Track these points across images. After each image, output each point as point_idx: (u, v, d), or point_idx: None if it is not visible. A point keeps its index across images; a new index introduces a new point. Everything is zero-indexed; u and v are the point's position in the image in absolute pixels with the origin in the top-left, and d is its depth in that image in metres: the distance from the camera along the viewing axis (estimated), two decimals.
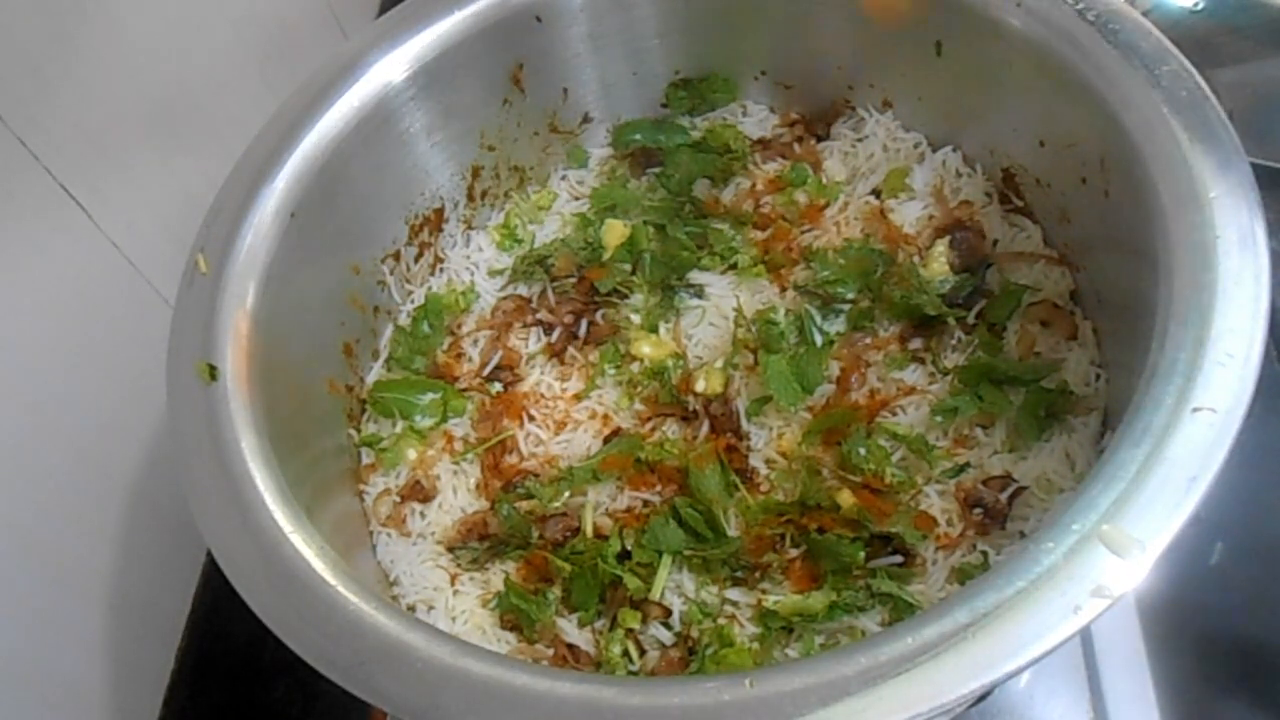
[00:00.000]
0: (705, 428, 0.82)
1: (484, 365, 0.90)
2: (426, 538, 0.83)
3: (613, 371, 0.88)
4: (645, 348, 0.87)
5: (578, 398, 0.87)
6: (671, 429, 0.84)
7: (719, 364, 0.85)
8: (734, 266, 0.91)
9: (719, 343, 0.87)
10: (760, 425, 0.82)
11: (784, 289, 0.89)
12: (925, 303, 0.83)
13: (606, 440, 0.84)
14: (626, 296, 0.92)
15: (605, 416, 0.86)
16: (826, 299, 0.86)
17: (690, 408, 0.84)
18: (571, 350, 0.90)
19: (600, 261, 0.94)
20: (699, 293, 0.91)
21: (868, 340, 0.85)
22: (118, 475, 0.91)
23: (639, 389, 0.86)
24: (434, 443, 0.88)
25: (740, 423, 0.82)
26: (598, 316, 0.91)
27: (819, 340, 0.84)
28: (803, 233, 0.92)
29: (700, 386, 0.84)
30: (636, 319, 0.90)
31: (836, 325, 0.86)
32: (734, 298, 0.89)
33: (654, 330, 0.89)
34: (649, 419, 0.85)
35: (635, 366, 0.87)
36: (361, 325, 0.90)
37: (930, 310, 0.83)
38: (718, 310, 0.89)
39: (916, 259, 0.88)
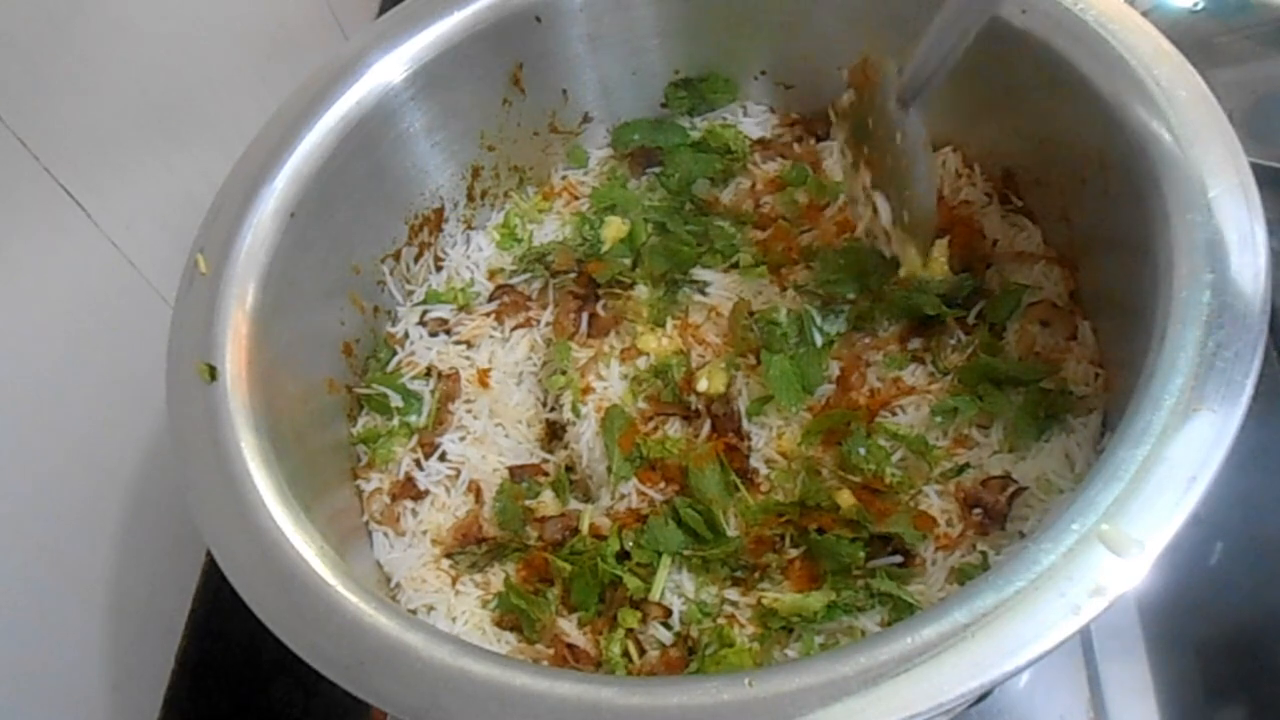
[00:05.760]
0: (707, 427, 0.82)
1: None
2: (420, 536, 0.83)
3: (619, 366, 0.87)
4: (651, 341, 0.87)
5: (585, 391, 0.87)
6: (674, 427, 0.84)
7: (721, 363, 0.85)
8: (736, 265, 0.91)
9: (721, 341, 0.87)
10: (760, 425, 0.82)
11: (784, 288, 0.89)
12: (925, 302, 0.83)
13: (602, 422, 0.83)
14: (629, 287, 0.91)
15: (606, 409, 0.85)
16: (827, 299, 0.86)
17: (692, 407, 0.84)
18: (574, 343, 0.89)
19: (599, 255, 0.94)
20: (701, 289, 0.91)
21: (867, 340, 0.85)
22: (118, 475, 0.91)
23: (643, 386, 0.86)
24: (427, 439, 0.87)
25: (741, 422, 0.82)
26: (599, 308, 0.91)
27: (819, 340, 0.85)
28: (801, 233, 0.92)
29: (703, 386, 0.83)
30: (644, 311, 0.90)
31: (836, 325, 0.86)
32: (736, 296, 0.89)
33: (661, 324, 0.89)
34: (651, 417, 0.85)
35: (641, 362, 0.87)
36: (361, 325, 0.90)
37: (930, 310, 0.83)
38: (720, 308, 0.89)
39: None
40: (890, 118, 0.75)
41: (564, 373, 0.87)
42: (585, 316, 0.90)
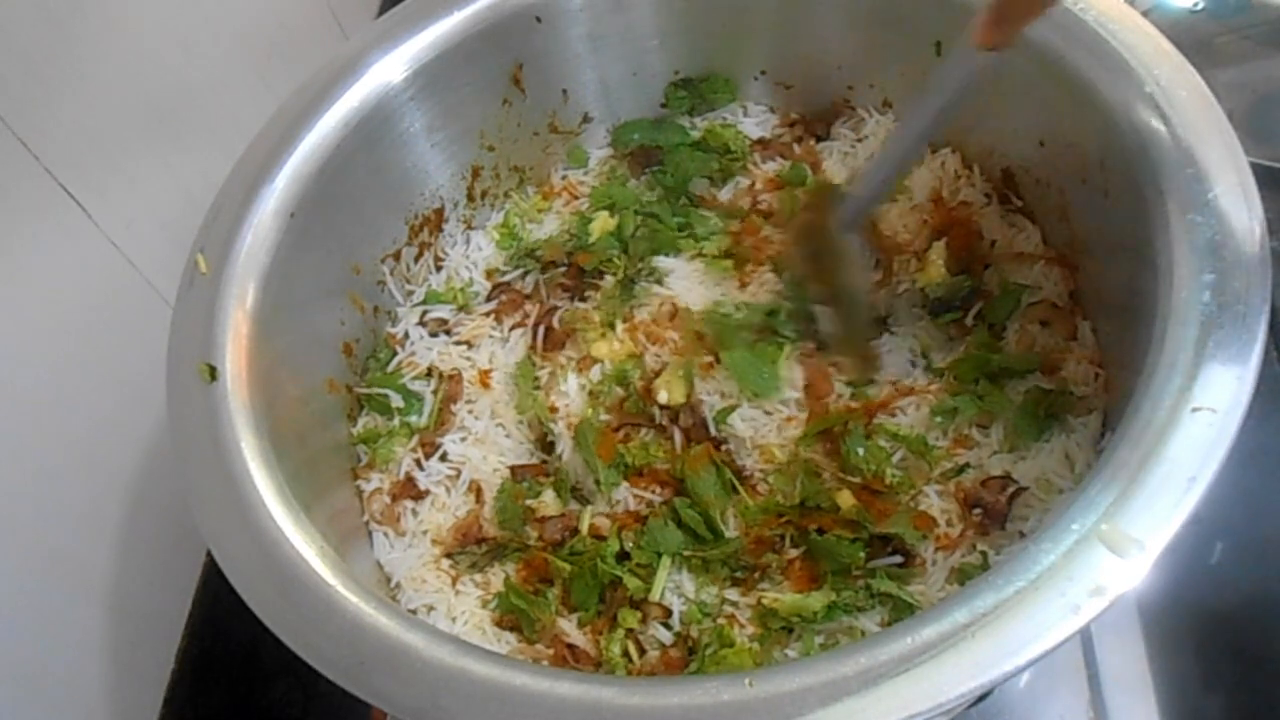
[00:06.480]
0: (679, 439, 0.81)
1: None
2: (420, 536, 0.83)
3: (575, 378, 0.86)
4: (603, 348, 0.87)
5: (552, 409, 0.86)
6: (646, 435, 0.83)
7: (679, 371, 0.83)
8: (703, 253, 0.91)
9: (679, 337, 0.86)
10: (731, 434, 0.81)
11: (744, 284, 0.89)
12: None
13: (575, 439, 0.83)
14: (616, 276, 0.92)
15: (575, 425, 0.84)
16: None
17: (656, 420, 0.82)
18: (535, 359, 0.89)
19: (586, 246, 0.94)
20: (659, 280, 0.91)
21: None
22: (118, 475, 0.91)
23: (601, 398, 0.84)
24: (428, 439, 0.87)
25: (710, 431, 0.81)
26: (554, 321, 0.90)
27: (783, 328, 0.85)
28: (767, 233, 0.92)
29: (663, 398, 0.81)
30: (594, 317, 0.89)
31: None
32: (693, 291, 0.89)
33: (611, 326, 0.88)
34: (618, 428, 0.83)
35: (595, 372, 0.86)
36: (361, 325, 0.90)
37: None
38: (675, 300, 0.89)
39: (913, 262, 0.88)
40: (833, 240, 0.81)
41: (533, 392, 0.86)
42: (541, 330, 0.89)
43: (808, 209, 0.88)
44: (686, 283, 0.91)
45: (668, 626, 0.75)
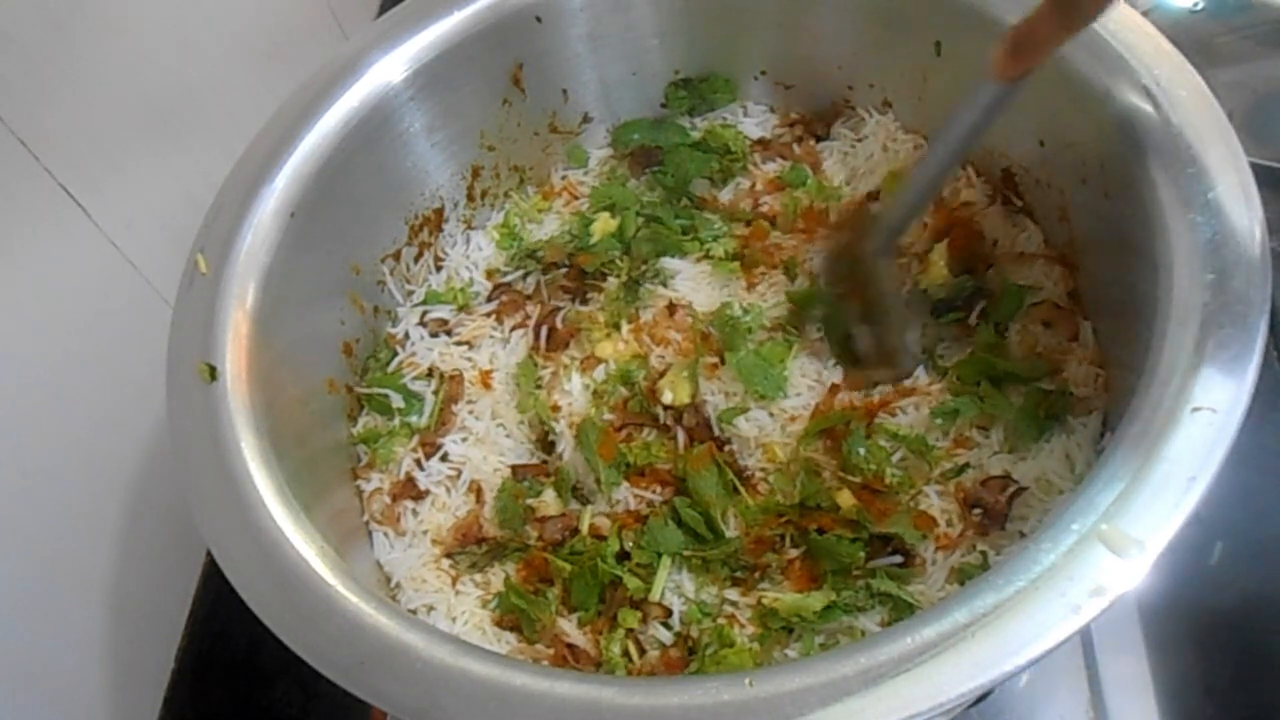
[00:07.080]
0: (682, 438, 0.81)
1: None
2: (420, 536, 0.83)
3: (579, 377, 0.87)
4: (608, 348, 0.87)
5: (554, 409, 0.86)
6: (650, 434, 0.83)
7: (684, 372, 0.83)
8: (710, 256, 0.92)
9: (682, 338, 0.87)
10: (736, 435, 0.82)
11: (752, 286, 0.89)
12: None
13: (577, 438, 0.83)
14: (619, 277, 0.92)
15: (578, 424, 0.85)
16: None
17: (661, 421, 0.83)
18: (537, 358, 0.89)
19: (587, 247, 0.94)
20: (664, 282, 0.91)
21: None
22: (118, 475, 0.91)
23: (606, 398, 0.85)
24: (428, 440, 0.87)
25: (714, 431, 0.82)
26: (557, 321, 0.90)
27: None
28: (774, 241, 0.92)
29: (668, 398, 0.82)
30: (599, 317, 0.89)
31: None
32: (699, 292, 0.89)
33: (616, 327, 0.88)
34: (621, 427, 0.83)
35: (600, 372, 0.86)
36: (361, 325, 0.90)
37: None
38: (680, 300, 0.89)
39: (915, 264, 0.88)
40: (868, 263, 0.81)
41: (534, 392, 0.86)
42: (544, 331, 0.90)
43: (842, 234, 0.89)
44: (693, 284, 0.91)
45: (668, 626, 0.75)
